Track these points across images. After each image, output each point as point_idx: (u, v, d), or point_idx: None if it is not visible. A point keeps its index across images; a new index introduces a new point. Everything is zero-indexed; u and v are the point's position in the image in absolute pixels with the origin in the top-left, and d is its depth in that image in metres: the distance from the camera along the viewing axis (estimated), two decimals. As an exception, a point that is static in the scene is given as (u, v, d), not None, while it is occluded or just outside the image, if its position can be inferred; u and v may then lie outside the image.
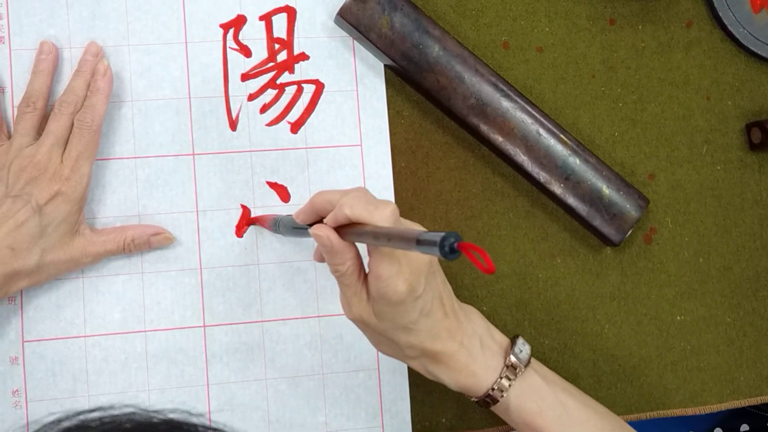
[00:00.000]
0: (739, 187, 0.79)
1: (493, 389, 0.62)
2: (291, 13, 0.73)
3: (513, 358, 0.63)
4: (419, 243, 0.45)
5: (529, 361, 0.64)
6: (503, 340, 0.65)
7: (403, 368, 0.73)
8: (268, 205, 0.72)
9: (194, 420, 0.39)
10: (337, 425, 0.72)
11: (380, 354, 0.72)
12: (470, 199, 0.75)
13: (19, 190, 0.64)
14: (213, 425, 0.39)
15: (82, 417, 0.39)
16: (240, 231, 0.72)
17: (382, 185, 0.74)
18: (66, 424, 0.38)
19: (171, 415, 0.39)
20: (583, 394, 0.67)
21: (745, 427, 1.29)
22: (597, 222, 0.74)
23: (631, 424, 0.81)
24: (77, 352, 0.69)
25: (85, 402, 0.68)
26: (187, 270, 0.71)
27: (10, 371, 0.68)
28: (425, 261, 0.57)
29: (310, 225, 0.59)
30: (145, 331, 0.70)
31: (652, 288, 0.78)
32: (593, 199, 0.74)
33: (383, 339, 0.61)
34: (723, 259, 0.79)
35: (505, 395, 0.63)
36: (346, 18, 0.71)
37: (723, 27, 0.79)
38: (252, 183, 0.72)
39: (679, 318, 0.78)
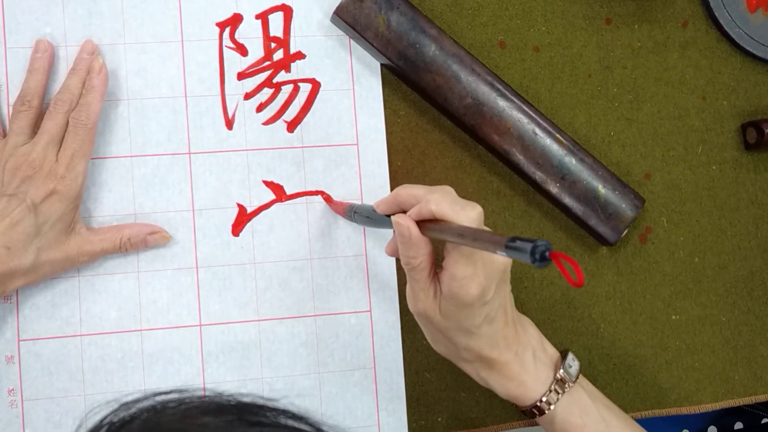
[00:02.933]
0: (734, 187, 0.80)
1: (541, 401, 0.64)
2: (287, 11, 0.73)
3: (563, 373, 0.64)
4: (508, 247, 0.45)
5: (577, 377, 0.65)
6: (554, 353, 0.66)
7: (399, 367, 0.73)
8: (264, 204, 0.72)
9: (265, 403, 0.40)
10: (333, 424, 0.72)
11: (376, 353, 0.72)
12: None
13: (14, 189, 0.64)
14: (284, 407, 0.40)
15: (159, 398, 0.39)
16: (236, 230, 0.72)
17: (378, 184, 0.74)
18: (145, 404, 0.39)
19: (243, 399, 0.40)
20: (624, 413, 0.68)
21: (739, 425, 1.29)
22: (593, 221, 0.74)
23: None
24: (73, 351, 0.69)
25: (81, 401, 0.68)
26: (183, 269, 0.71)
27: (6, 370, 0.68)
28: (500, 268, 0.58)
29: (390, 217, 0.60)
30: (141, 330, 0.70)
31: (648, 287, 0.78)
32: (589, 198, 0.74)
33: (442, 338, 0.62)
34: (718, 258, 0.79)
35: (552, 408, 0.64)
36: (342, 17, 0.71)
37: (719, 27, 0.79)
38: (248, 182, 0.72)
39: (674, 317, 0.78)
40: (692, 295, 0.78)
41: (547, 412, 0.64)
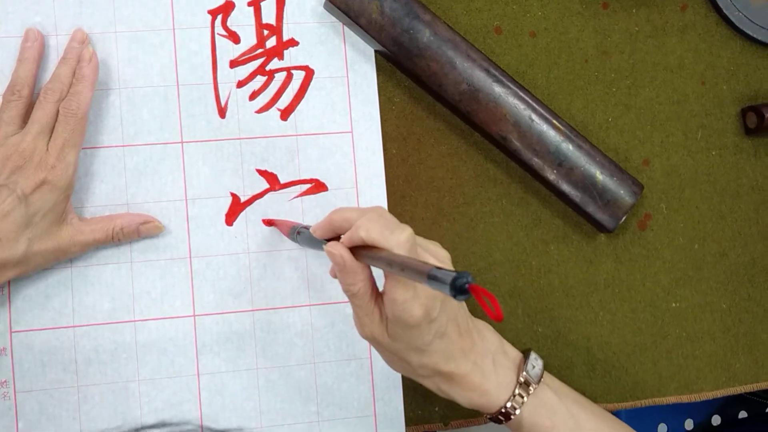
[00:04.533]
0: (734, 173, 0.79)
1: (506, 407, 0.62)
2: (280, -2, 0.72)
3: (526, 374, 0.63)
4: (430, 278, 0.45)
5: (541, 376, 0.64)
6: (516, 355, 0.65)
7: (396, 357, 0.72)
8: (258, 193, 0.71)
9: None
10: (329, 414, 0.71)
11: (372, 343, 0.72)
12: (462, 186, 0.75)
13: (4, 179, 0.64)
14: None
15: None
16: (230, 219, 0.71)
17: (373, 172, 0.73)
18: None
19: None
20: (593, 404, 0.67)
21: (743, 414, 1.28)
22: (590, 208, 0.74)
23: (627, 411, 0.80)
24: (66, 342, 0.68)
25: (74, 392, 0.68)
26: (176, 259, 0.70)
27: (-1, 362, 0.68)
28: None
29: (327, 241, 0.58)
30: (134, 321, 0.69)
31: (647, 275, 0.77)
32: (586, 185, 0.73)
33: (396, 358, 0.61)
34: (718, 245, 0.78)
35: (518, 412, 0.62)
36: (335, 3, 0.70)
37: (718, 10, 0.78)
38: (242, 171, 0.71)
39: (674, 305, 0.77)
40: (692, 283, 0.78)
41: (513, 417, 0.62)
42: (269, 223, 0.71)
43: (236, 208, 0.71)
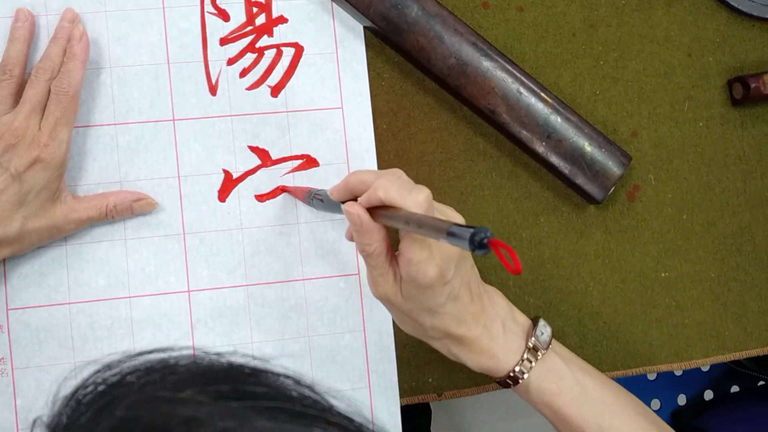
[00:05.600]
0: (721, 143, 0.79)
1: (514, 371, 0.64)
2: (268, -25, 0.73)
3: (534, 340, 0.64)
4: (449, 235, 0.46)
5: (549, 343, 0.65)
6: (525, 321, 0.66)
7: (389, 329, 0.73)
8: (250, 169, 0.72)
9: (256, 364, 0.39)
10: (324, 388, 0.72)
11: (366, 315, 0.73)
12: (452, 160, 0.75)
13: (-3, 158, 0.64)
14: (273, 369, 0.39)
15: (143, 358, 0.39)
16: (223, 196, 0.72)
17: (364, 148, 0.73)
18: (129, 364, 0.38)
19: (231, 358, 0.39)
20: (600, 373, 0.68)
21: (735, 388, 1.30)
22: (579, 180, 0.74)
23: (618, 380, 0.81)
24: (62, 319, 0.69)
25: (71, 369, 0.68)
26: (170, 236, 0.71)
27: (-4, 340, 0.68)
28: (456, 248, 0.58)
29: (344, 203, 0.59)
30: (129, 297, 0.70)
31: (636, 245, 0.78)
32: (575, 156, 0.74)
33: (407, 319, 0.62)
34: (706, 215, 0.79)
35: (526, 377, 0.64)
36: (323, -21, 0.71)
37: (703, -17, 0.79)
38: (233, 147, 0.72)
39: (663, 274, 0.78)
40: (681, 252, 0.78)
41: (521, 381, 0.64)
42: (282, 189, 0.72)
43: (228, 184, 0.72)
